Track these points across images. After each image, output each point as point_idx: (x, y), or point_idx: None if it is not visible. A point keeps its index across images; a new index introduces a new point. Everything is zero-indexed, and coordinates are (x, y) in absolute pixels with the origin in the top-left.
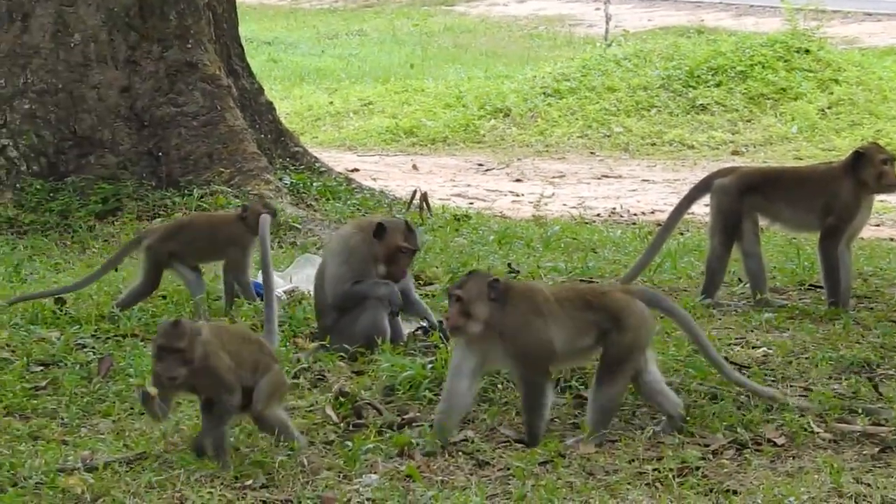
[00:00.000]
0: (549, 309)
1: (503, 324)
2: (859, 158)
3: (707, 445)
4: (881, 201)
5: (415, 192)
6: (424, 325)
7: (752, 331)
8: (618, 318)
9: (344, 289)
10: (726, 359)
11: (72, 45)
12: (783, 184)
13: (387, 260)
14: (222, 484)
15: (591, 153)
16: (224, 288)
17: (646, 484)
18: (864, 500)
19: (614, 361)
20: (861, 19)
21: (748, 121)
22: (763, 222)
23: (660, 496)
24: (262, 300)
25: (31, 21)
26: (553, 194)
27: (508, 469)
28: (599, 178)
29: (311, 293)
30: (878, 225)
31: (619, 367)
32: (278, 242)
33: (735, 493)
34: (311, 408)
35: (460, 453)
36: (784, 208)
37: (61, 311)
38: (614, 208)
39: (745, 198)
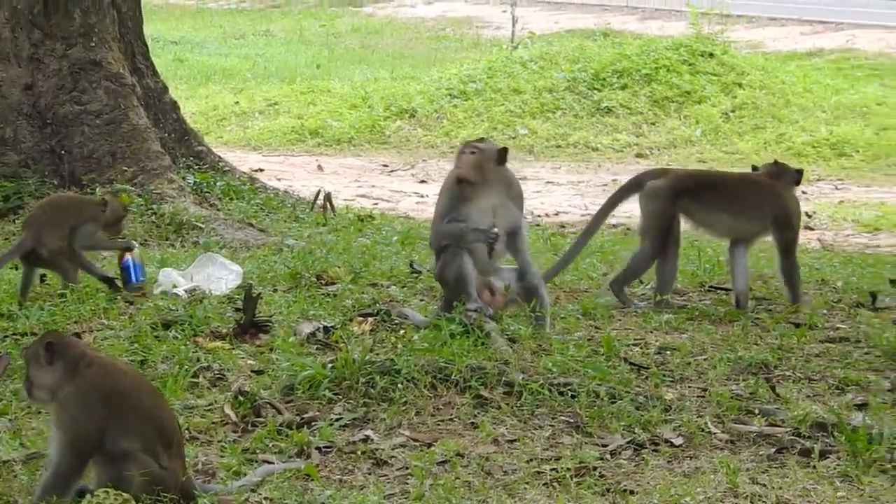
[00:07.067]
0: (120, 400)
1: (61, 392)
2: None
3: (605, 445)
4: None
5: (318, 192)
6: (326, 324)
7: (651, 332)
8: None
9: (436, 227)
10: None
11: None
12: (722, 190)
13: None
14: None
15: None
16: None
17: (543, 484)
18: (759, 500)
19: None
20: (765, 24)
21: (652, 123)
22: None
23: (557, 496)
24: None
25: None
26: None
27: (407, 468)
28: None
29: (212, 292)
30: None
31: None
32: (181, 241)
33: (632, 493)
34: (210, 407)
35: (359, 452)
36: (722, 214)
37: None
38: None
39: (678, 201)
